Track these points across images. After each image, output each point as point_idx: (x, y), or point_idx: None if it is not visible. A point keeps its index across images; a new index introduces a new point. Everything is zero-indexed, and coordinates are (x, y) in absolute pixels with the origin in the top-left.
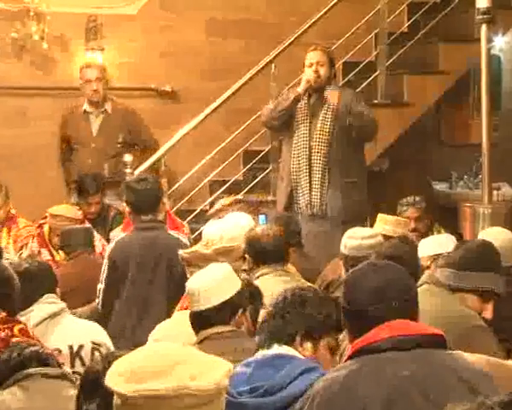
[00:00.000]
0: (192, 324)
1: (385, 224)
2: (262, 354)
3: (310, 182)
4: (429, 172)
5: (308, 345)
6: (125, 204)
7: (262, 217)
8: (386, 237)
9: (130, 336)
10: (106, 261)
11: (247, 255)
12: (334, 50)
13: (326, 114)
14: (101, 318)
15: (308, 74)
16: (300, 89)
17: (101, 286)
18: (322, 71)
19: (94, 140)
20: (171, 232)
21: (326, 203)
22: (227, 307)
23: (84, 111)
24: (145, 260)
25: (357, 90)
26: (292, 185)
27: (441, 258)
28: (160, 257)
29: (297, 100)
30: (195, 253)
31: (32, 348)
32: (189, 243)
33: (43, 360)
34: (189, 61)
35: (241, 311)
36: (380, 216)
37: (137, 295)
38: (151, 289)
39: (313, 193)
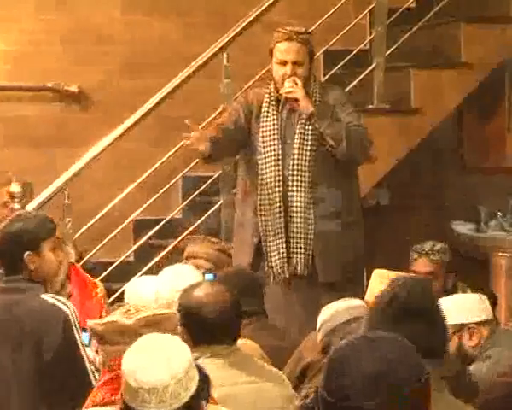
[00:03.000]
0: None
1: (381, 283)
2: None
3: (287, 230)
4: (447, 209)
5: None
6: None
7: (209, 276)
8: None
9: None
10: None
11: (180, 328)
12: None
13: (305, 129)
14: None
15: (284, 85)
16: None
17: None
18: (301, 72)
19: None
20: (45, 297)
21: (313, 259)
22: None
23: None
24: None
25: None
26: (260, 235)
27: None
28: (22, 335)
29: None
30: (113, 324)
31: None
32: (75, 314)
33: None
34: (103, 51)
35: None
36: (376, 272)
37: None
38: (7, 387)
39: (293, 245)
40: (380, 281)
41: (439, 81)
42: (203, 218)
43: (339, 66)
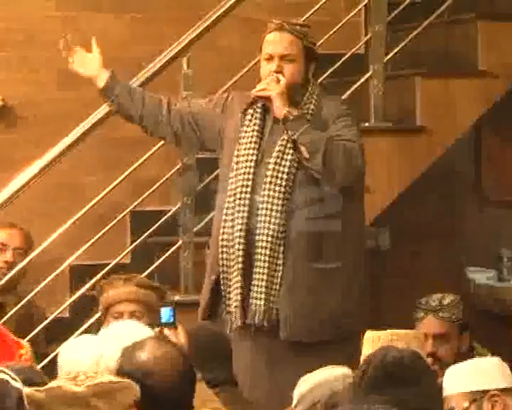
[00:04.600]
0: None
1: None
2: None
3: (249, 267)
4: (462, 252)
5: None
6: None
7: (166, 311)
8: None
9: None
10: None
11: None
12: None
13: (285, 147)
14: None
15: (261, 84)
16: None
17: None
18: (291, 71)
19: None
20: None
21: (276, 309)
22: None
23: None
24: None
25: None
26: (219, 272)
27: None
28: None
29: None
30: (57, 391)
31: None
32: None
33: None
34: (33, 55)
35: None
36: (367, 336)
37: None
38: None
39: (255, 289)
40: (371, 346)
41: (451, 93)
42: (157, 263)
43: (326, 74)
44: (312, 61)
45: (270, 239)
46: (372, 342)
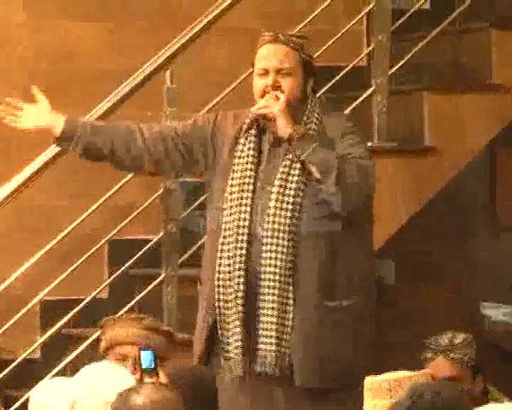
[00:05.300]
0: None
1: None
2: None
3: (250, 309)
4: (475, 286)
5: None
6: None
7: (146, 355)
8: None
9: None
10: None
11: None
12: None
13: (289, 173)
14: None
15: (260, 102)
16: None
17: None
18: (289, 85)
19: None
20: None
21: (289, 355)
22: None
23: None
24: None
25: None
26: (215, 314)
27: None
28: None
29: None
30: None
31: None
32: None
33: None
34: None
35: None
36: (367, 381)
37: None
38: None
39: (264, 333)
40: (372, 394)
41: (462, 109)
42: (138, 298)
43: (325, 88)
44: (311, 76)
45: (278, 278)
46: (371, 390)
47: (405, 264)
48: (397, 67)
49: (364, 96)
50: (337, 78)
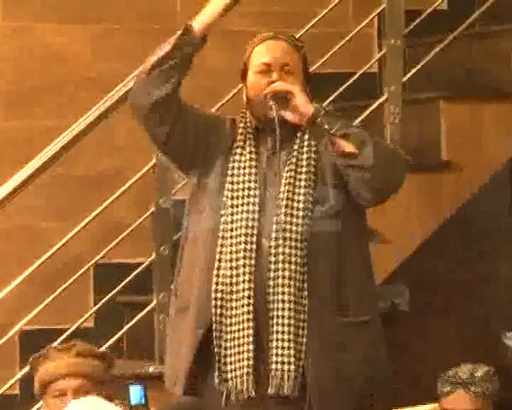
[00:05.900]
0: None
1: None
2: None
3: (267, 329)
4: (497, 313)
5: None
6: None
7: (136, 390)
8: None
9: None
10: None
11: None
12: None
13: (295, 178)
14: None
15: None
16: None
17: None
18: (291, 81)
19: None
20: None
21: (302, 374)
22: None
23: None
24: None
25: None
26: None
27: None
28: None
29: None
30: None
31: None
32: None
33: None
34: None
35: None
36: None
37: None
38: None
39: (279, 352)
40: None
41: (482, 120)
42: (127, 327)
43: (332, 97)
44: (309, 83)
45: (293, 291)
46: None
47: (419, 289)
48: (411, 73)
49: (375, 105)
50: (345, 85)
